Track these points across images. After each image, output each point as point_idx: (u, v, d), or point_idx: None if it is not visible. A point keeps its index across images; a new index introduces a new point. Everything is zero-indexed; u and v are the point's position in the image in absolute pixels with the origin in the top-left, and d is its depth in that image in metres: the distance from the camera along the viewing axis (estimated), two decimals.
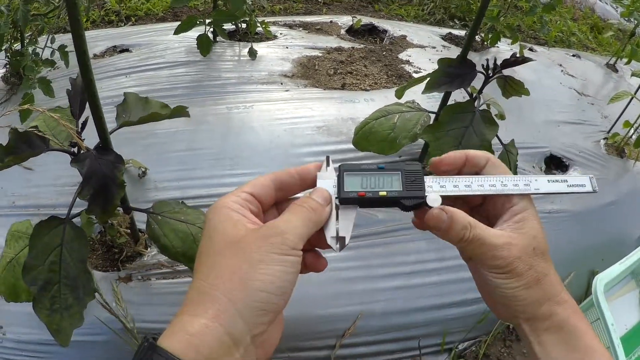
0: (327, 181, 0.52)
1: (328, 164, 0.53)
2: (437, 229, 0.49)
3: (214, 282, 0.42)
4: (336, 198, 0.51)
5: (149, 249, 1.38)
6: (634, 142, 1.95)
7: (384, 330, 1.39)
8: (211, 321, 0.40)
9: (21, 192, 1.49)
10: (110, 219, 1.19)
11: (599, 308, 1.34)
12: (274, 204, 0.52)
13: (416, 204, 0.51)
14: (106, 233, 1.35)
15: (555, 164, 1.94)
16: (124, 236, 1.31)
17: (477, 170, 0.53)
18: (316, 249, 0.52)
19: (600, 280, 1.38)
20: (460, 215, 0.48)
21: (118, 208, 1.14)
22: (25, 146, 0.89)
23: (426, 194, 0.51)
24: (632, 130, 2.05)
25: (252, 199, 0.49)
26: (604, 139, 2.13)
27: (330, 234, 0.50)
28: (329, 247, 0.50)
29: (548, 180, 0.52)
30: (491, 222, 0.52)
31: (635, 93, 2.00)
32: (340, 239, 0.50)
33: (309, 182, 0.52)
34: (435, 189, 0.51)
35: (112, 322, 1.23)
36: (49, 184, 1.50)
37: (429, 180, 0.52)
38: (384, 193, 0.51)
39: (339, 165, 0.53)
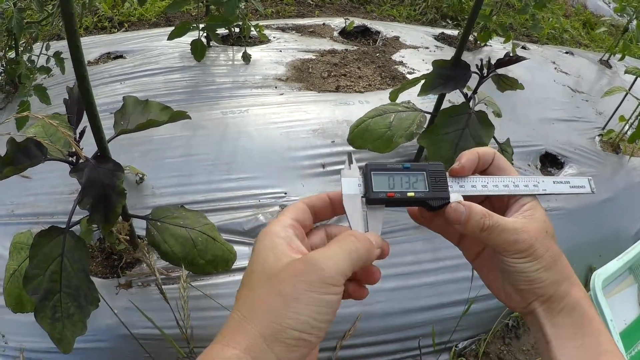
0: (352, 179, 0.52)
1: (351, 161, 0.53)
2: (458, 222, 0.51)
3: (248, 316, 0.43)
4: (362, 197, 0.51)
5: (149, 254, 1.38)
6: (629, 138, 1.96)
7: (384, 330, 1.40)
8: (243, 353, 0.41)
9: (19, 200, 1.48)
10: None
11: (597, 304, 1.34)
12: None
13: (441, 205, 0.52)
14: (105, 240, 1.35)
15: (550, 161, 1.95)
16: (123, 243, 1.31)
17: (486, 166, 0.56)
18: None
19: (598, 277, 1.39)
20: (477, 206, 0.51)
21: None
22: (23, 156, 0.89)
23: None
24: (627, 126, 2.05)
25: (297, 224, 0.49)
26: (599, 135, 2.14)
27: None
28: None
29: (553, 182, 0.55)
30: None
31: (630, 89, 2.01)
32: None
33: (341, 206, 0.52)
34: (455, 189, 0.53)
35: (115, 329, 1.23)
36: (47, 192, 1.50)
37: (448, 181, 0.53)
38: (412, 194, 0.52)
39: (366, 164, 0.53)
